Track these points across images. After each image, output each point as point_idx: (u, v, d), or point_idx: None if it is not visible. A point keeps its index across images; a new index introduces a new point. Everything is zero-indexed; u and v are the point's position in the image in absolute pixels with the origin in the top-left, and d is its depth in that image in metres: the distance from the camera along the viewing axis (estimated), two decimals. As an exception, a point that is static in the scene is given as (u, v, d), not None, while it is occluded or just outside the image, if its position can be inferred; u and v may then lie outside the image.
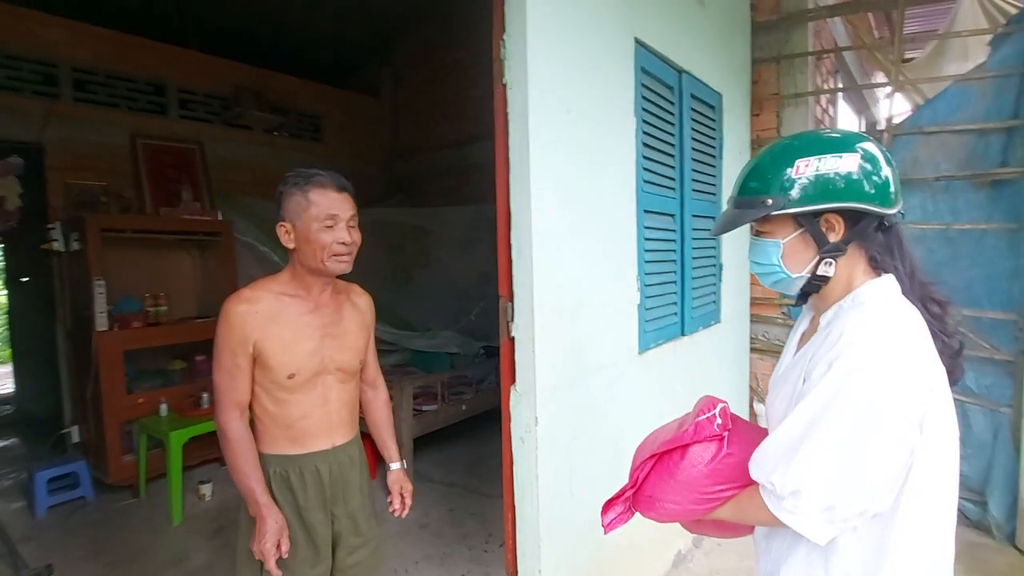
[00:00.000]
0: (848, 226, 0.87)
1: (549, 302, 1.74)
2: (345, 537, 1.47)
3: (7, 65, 3.73)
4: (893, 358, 0.79)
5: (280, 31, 5.33)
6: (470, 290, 4.95)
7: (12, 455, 4.40)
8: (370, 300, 1.60)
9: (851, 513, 0.79)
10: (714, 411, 0.96)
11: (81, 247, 3.47)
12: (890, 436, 0.77)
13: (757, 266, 0.96)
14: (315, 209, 1.31)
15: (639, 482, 1.02)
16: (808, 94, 3.44)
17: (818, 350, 0.86)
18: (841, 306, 0.89)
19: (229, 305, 1.32)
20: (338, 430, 1.45)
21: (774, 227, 0.91)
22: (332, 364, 1.41)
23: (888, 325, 0.82)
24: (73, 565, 2.73)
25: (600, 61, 1.99)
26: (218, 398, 1.34)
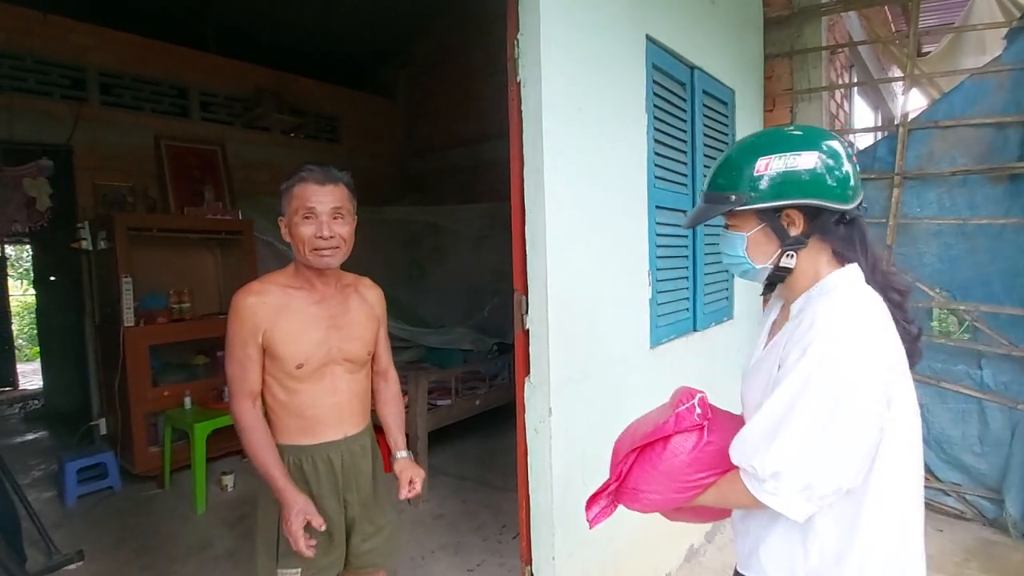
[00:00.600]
0: (807, 220, 0.92)
1: (563, 296, 1.78)
2: (359, 524, 1.50)
3: (38, 70, 3.87)
4: (860, 343, 0.83)
5: (299, 34, 5.44)
6: (483, 287, 5.01)
7: (42, 447, 4.55)
8: (380, 293, 1.62)
9: (827, 490, 0.83)
10: (693, 401, 0.99)
11: (109, 245, 3.59)
12: (861, 416, 0.82)
13: (726, 257, 1.02)
14: (295, 202, 1.34)
15: (623, 475, 1.04)
16: (822, 89, 3.43)
17: (791, 337, 0.89)
18: (810, 295, 0.94)
19: (239, 298, 1.36)
20: (349, 420, 1.48)
21: (740, 221, 0.97)
22: (340, 354, 1.44)
23: (855, 312, 0.86)
24: (102, 551, 2.83)
25: (612, 58, 2.02)
26: (231, 388, 1.38)
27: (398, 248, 5.79)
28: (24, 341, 9.01)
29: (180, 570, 2.66)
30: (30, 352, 8.48)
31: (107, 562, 2.74)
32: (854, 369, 0.82)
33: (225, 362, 1.39)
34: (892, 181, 3.11)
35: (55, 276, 4.90)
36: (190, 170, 4.50)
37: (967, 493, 2.95)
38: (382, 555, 1.58)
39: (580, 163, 1.86)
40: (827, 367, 0.82)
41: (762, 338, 1.07)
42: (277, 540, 1.40)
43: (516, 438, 1.84)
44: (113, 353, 3.60)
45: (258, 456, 1.35)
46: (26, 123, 3.77)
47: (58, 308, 4.75)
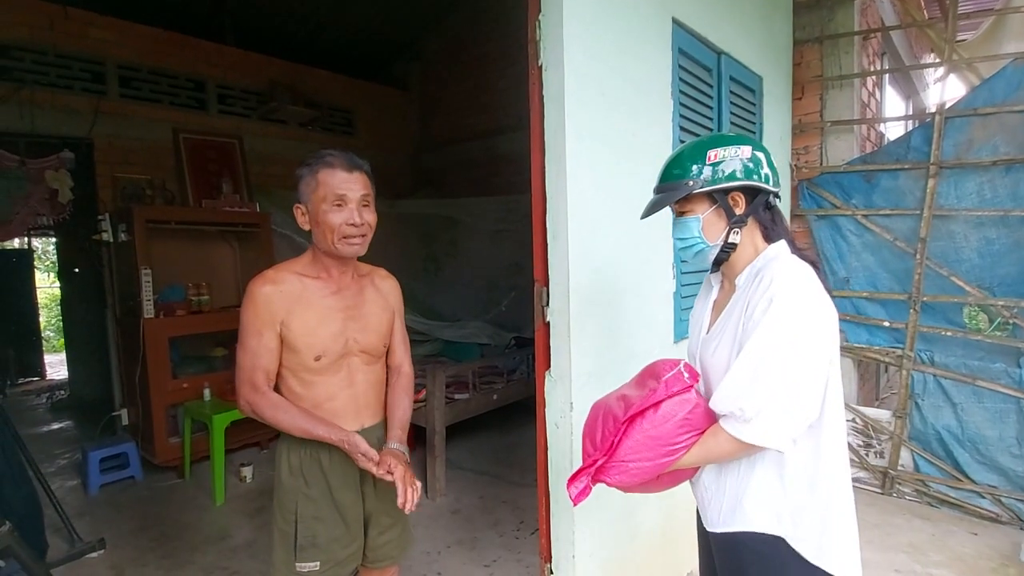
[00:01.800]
0: (748, 201, 1.11)
1: (584, 287, 1.72)
2: (376, 517, 1.48)
3: (59, 64, 3.90)
4: (816, 293, 1.02)
5: (314, 26, 5.41)
6: (500, 281, 4.96)
7: (67, 436, 4.64)
8: (395, 284, 1.58)
9: (800, 419, 0.99)
10: (679, 367, 1.08)
11: (129, 238, 3.61)
12: (821, 351, 1.00)
13: (680, 242, 1.17)
14: (323, 190, 1.30)
15: (613, 447, 1.08)
16: (854, 76, 3.30)
17: (752, 297, 1.04)
18: (755, 265, 1.11)
19: (254, 286, 1.32)
20: (365, 412, 1.45)
21: (693, 205, 1.14)
22: (356, 346, 1.41)
23: (803, 271, 1.04)
24: (123, 540, 2.86)
25: (636, 42, 1.95)
26: (240, 378, 1.32)
27: (414, 242, 5.77)
28: (52, 332, 9.20)
29: (199, 560, 2.67)
30: (57, 343, 8.66)
31: (128, 551, 2.76)
32: (816, 313, 1.00)
33: (237, 351, 1.34)
34: (927, 171, 2.99)
35: (78, 268, 4.97)
36: (207, 163, 4.51)
37: (1003, 496, 2.83)
38: (398, 547, 1.56)
39: (603, 151, 1.79)
40: (794, 312, 0.99)
41: (705, 315, 1.22)
42: (295, 534, 1.38)
43: (535, 433, 1.80)
44: (134, 345, 3.63)
45: (294, 426, 1.30)
46: (48, 117, 3.81)
47: (81, 300, 4.81)
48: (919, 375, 3.07)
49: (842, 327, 3.35)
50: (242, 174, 4.68)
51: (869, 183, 3.20)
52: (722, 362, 1.09)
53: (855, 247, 3.27)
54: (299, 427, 1.30)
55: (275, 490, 1.43)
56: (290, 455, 1.39)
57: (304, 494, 1.38)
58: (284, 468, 1.40)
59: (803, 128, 3.45)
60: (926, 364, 3.05)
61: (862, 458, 3.24)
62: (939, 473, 3.00)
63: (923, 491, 3.05)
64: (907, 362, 3.09)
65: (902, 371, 3.11)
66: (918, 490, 3.07)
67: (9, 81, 3.67)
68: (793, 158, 3.45)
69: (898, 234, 3.12)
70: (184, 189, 4.34)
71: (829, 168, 3.33)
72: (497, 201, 5.00)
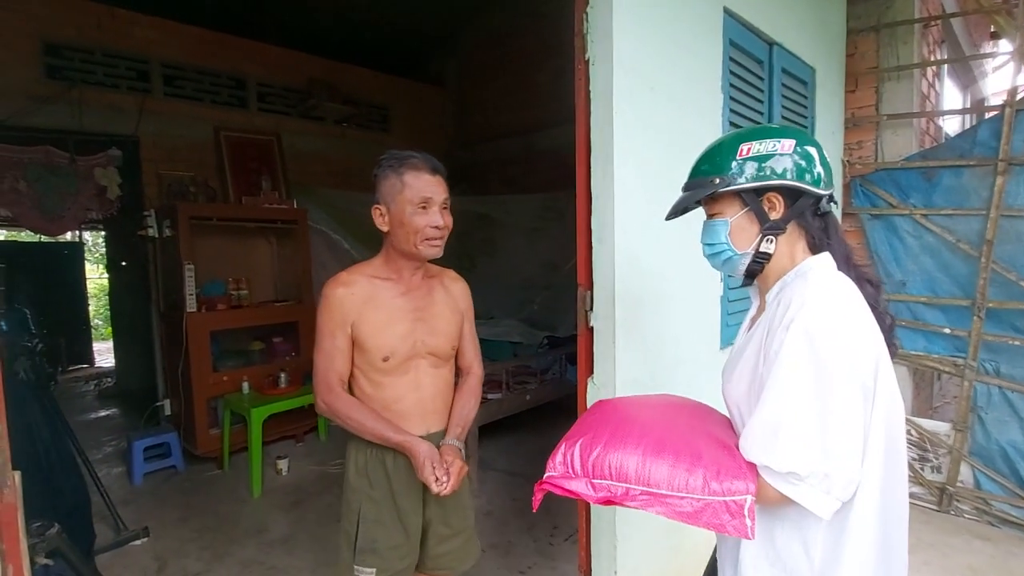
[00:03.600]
0: (787, 205, 0.95)
1: (630, 292, 1.65)
2: (434, 526, 1.46)
3: (106, 63, 4.00)
4: (844, 315, 0.84)
5: (352, 24, 5.44)
6: (534, 279, 4.90)
7: (113, 424, 4.80)
8: (465, 286, 1.57)
9: (841, 479, 0.81)
10: (745, 503, 0.83)
11: (173, 234, 3.69)
12: (852, 388, 0.81)
13: (708, 247, 1.02)
14: (409, 192, 1.29)
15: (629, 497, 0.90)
16: (913, 66, 3.11)
17: (772, 320, 0.90)
18: (785, 280, 0.95)
19: (328, 289, 1.35)
20: (431, 416, 1.44)
21: (723, 207, 0.98)
22: (424, 348, 1.40)
23: (834, 288, 0.88)
24: (165, 529, 2.92)
25: (686, 33, 1.86)
26: (317, 379, 1.36)
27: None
28: (100, 321, 9.59)
29: (238, 553, 2.71)
30: (105, 332, 9.02)
31: (170, 540, 2.82)
32: (841, 340, 0.82)
33: (314, 353, 1.37)
34: (995, 168, 2.79)
35: (125, 262, 5.14)
36: (248, 160, 4.58)
37: (1075, 517, 2.64)
38: (457, 559, 1.53)
39: (651, 149, 1.71)
40: (814, 341, 0.82)
41: (741, 333, 1.08)
42: (356, 535, 1.38)
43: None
44: (177, 337, 3.72)
45: (367, 430, 1.32)
46: (95, 115, 3.92)
47: (128, 292, 4.97)
48: (982, 386, 2.88)
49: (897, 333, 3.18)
50: (280, 171, 4.74)
51: (929, 181, 3.01)
52: (740, 395, 0.95)
53: (912, 249, 3.09)
54: (370, 429, 1.32)
55: (343, 489, 1.44)
56: (357, 455, 1.41)
57: (368, 495, 1.39)
58: (352, 467, 1.42)
59: (856, 122, 3.28)
60: (990, 375, 2.86)
61: (917, 472, 3.07)
62: (1002, 491, 2.82)
63: (984, 509, 2.87)
64: (969, 372, 2.91)
65: (964, 382, 2.93)
66: (978, 508, 2.89)
67: (60, 81, 3.79)
68: (845, 154, 3.28)
69: (961, 235, 2.93)
70: (225, 186, 4.42)
71: (885, 164, 3.15)
72: (533, 199, 4.94)
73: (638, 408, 1.05)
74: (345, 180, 5.20)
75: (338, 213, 4.79)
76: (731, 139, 0.98)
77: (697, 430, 0.94)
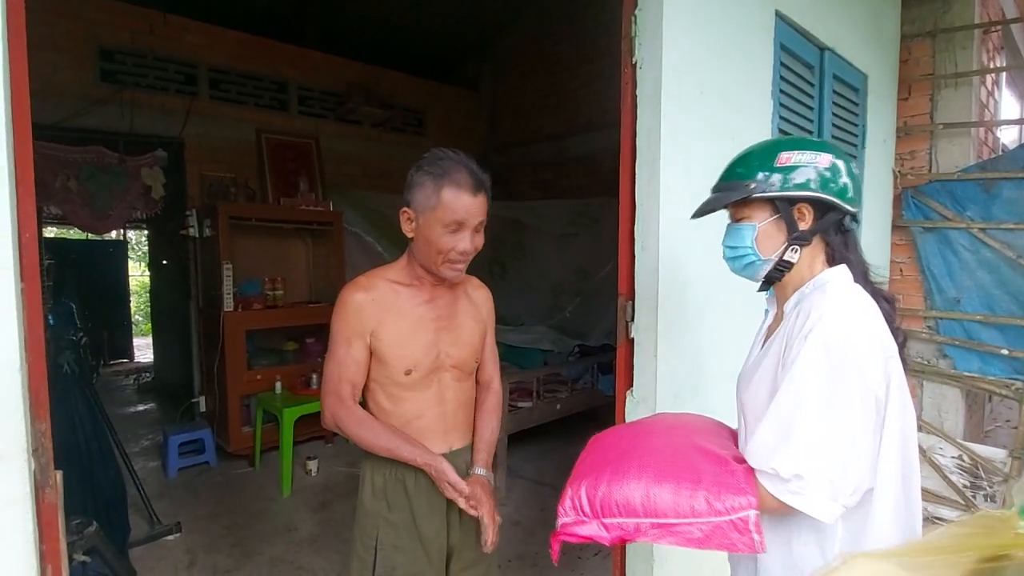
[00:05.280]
0: (816, 217, 0.96)
1: (674, 302, 1.59)
2: (459, 551, 1.36)
3: (157, 67, 4.14)
4: (860, 328, 0.87)
5: (390, 29, 5.51)
6: (565, 286, 4.85)
7: (151, 418, 4.93)
8: (488, 294, 1.49)
9: (846, 487, 0.82)
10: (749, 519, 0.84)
11: (213, 233, 3.78)
12: (866, 398, 0.83)
13: (730, 250, 1.03)
14: (442, 211, 1.18)
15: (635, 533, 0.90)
16: (972, 73, 2.96)
17: (791, 331, 0.91)
18: (803, 291, 0.97)
19: (346, 294, 1.25)
20: (454, 433, 1.35)
21: (752, 211, 0.99)
22: (448, 360, 1.32)
23: (851, 300, 0.90)
24: (197, 524, 2.97)
25: (737, 36, 1.80)
26: (325, 389, 1.26)
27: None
28: (140, 317, 9.91)
29: (267, 551, 2.73)
30: (145, 328, 9.31)
31: (202, 536, 2.86)
32: (856, 351, 0.84)
33: (325, 361, 1.28)
34: (1063, 180, 2.63)
35: (166, 260, 5.29)
36: (286, 162, 4.67)
37: None
38: None
39: (699, 155, 1.66)
40: (830, 352, 0.84)
41: (757, 342, 1.09)
42: (374, 563, 1.29)
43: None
44: (213, 335, 3.79)
45: (377, 446, 1.22)
46: (144, 117, 4.05)
47: (168, 289, 5.11)
48: (1043, 411, 2.71)
49: (950, 353, 3.03)
50: (318, 173, 4.82)
51: (988, 193, 2.86)
52: (759, 404, 0.94)
53: (968, 264, 2.93)
54: (383, 446, 1.21)
55: (356, 512, 1.34)
56: (374, 475, 1.31)
57: (386, 519, 1.29)
58: (367, 489, 1.32)
59: (908, 131, 3.14)
60: (1053, 400, 2.69)
61: (968, 500, 2.90)
62: (1065, 524, 2.63)
63: (1044, 543, 2.69)
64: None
65: (1023, 406, 2.76)
66: (1038, 542, 2.71)
67: (112, 84, 3.93)
68: (897, 164, 3.14)
69: (1022, 251, 2.77)
70: (264, 187, 4.51)
71: (940, 176, 3.01)
72: (566, 204, 4.90)
73: (633, 437, 1.05)
74: (380, 183, 5.25)
75: (372, 215, 4.84)
76: (770, 146, 1.00)
77: (693, 448, 0.95)
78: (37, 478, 0.88)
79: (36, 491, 0.88)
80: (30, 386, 0.88)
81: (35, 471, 0.88)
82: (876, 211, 2.95)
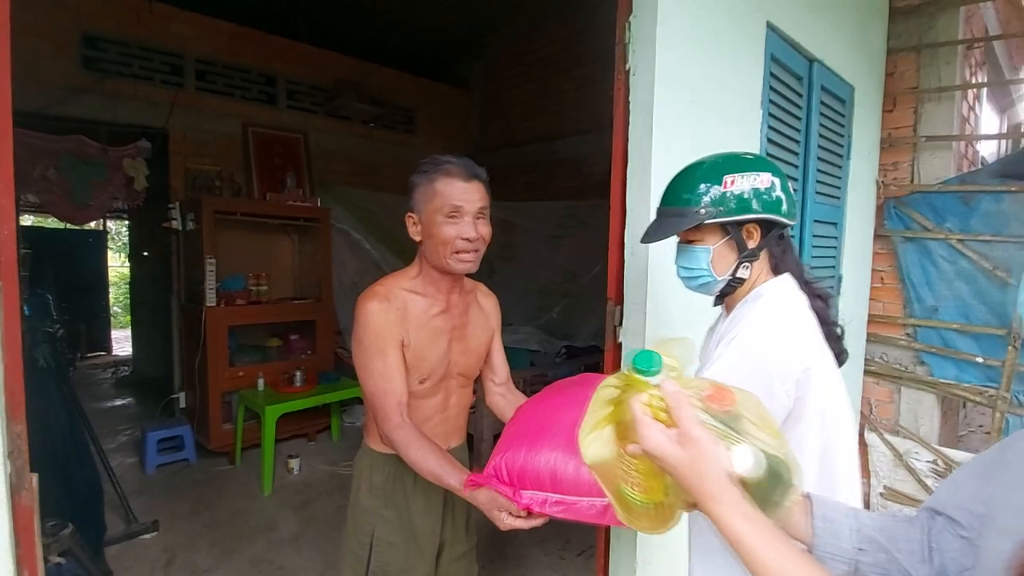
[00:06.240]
0: (763, 234, 1.02)
1: (662, 308, 1.60)
2: (450, 545, 1.41)
3: (142, 56, 4.06)
4: (778, 342, 0.92)
5: (381, 25, 5.47)
6: (553, 287, 4.86)
7: (128, 413, 4.84)
8: (496, 302, 1.51)
9: None
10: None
11: (196, 227, 3.72)
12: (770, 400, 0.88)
13: (686, 271, 1.07)
14: (439, 200, 1.20)
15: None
16: (955, 88, 3.03)
17: (722, 338, 0.98)
18: (745, 300, 1.03)
19: (370, 304, 1.20)
20: (453, 434, 1.40)
21: (704, 235, 1.03)
22: (456, 369, 1.34)
23: (776, 310, 0.97)
24: (176, 523, 2.92)
25: (730, 46, 1.81)
26: (376, 406, 1.20)
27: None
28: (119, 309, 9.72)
29: (247, 550, 2.70)
30: (123, 319, 9.13)
31: (180, 534, 2.82)
32: (771, 361, 0.90)
33: (362, 379, 1.22)
34: (1040, 195, 2.70)
35: (148, 252, 5.19)
36: (273, 157, 4.61)
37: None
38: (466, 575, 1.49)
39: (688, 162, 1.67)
40: (746, 358, 0.91)
41: (706, 346, 1.17)
42: (368, 559, 1.30)
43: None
44: (195, 331, 3.73)
45: (430, 472, 1.15)
46: (128, 107, 3.97)
47: (149, 282, 5.02)
48: (1015, 418, 2.78)
49: (927, 360, 3.09)
50: (305, 169, 4.76)
51: (968, 205, 2.93)
52: None
53: (946, 274, 3.00)
54: (430, 472, 1.14)
55: (350, 509, 1.36)
56: (373, 473, 1.31)
57: (382, 516, 1.31)
58: (364, 487, 1.33)
59: (892, 142, 3.20)
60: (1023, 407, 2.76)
61: (942, 505, 2.96)
62: (1034, 530, 2.71)
63: (1014, 548, 2.76)
64: (1001, 403, 2.81)
65: (995, 413, 2.82)
66: (1008, 546, 2.78)
67: (95, 72, 3.85)
68: (880, 174, 3.20)
69: (998, 262, 2.84)
70: (250, 181, 4.45)
71: (921, 187, 3.07)
72: (554, 206, 4.91)
73: (552, 410, 1.12)
74: (369, 180, 5.21)
75: (360, 212, 4.80)
76: (711, 167, 1.02)
77: None
78: (12, 481, 0.86)
79: (11, 495, 0.86)
80: (5, 387, 0.86)
81: (10, 474, 0.85)
82: (859, 221, 3.00)
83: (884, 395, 3.22)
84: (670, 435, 0.60)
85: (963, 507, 0.64)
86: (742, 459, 0.58)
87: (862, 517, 0.71)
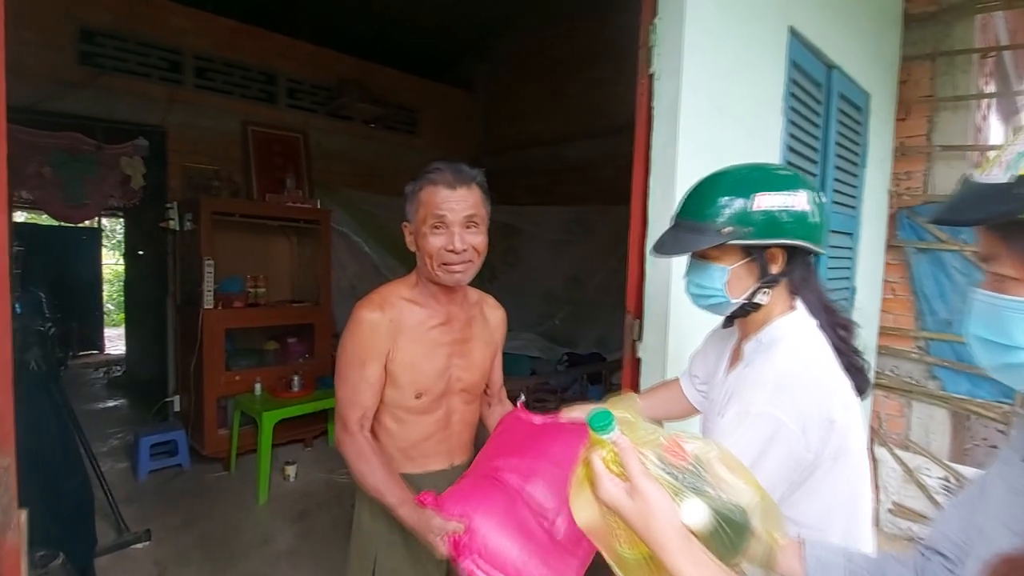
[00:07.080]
0: (787, 259, 0.93)
1: (684, 322, 1.53)
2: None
3: (139, 52, 3.96)
4: (793, 391, 0.85)
5: (384, 24, 5.39)
6: (557, 293, 4.79)
7: (121, 415, 4.73)
8: (503, 316, 1.46)
9: None
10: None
11: (194, 227, 3.63)
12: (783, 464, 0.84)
13: (697, 287, 0.98)
14: (423, 210, 1.17)
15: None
16: (971, 97, 2.98)
17: (738, 388, 0.93)
18: (760, 340, 0.96)
19: (361, 313, 1.20)
20: (457, 451, 1.33)
21: (722, 253, 0.93)
22: (458, 384, 1.28)
23: (792, 364, 0.88)
24: (168, 533, 2.83)
25: (752, 51, 1.75)
26: (338, 411, 1.23)
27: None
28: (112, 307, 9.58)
29: (241, 565, 2.61)
30: (117, 318, 9.00)
31: (172, 546, 2.73)
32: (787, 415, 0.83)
33: (336, 383, 1.24)
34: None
35: (143, 252, 5.09)
36: (273, 156, 4.53)
37: None
38: None
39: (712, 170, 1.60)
40: (762, 416, 0.84)
41: (722, 362, 1.07)
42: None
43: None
44: (191, 333, 3.64)
45: (368, 482, 1.17)
46: (124, 103, 3.87)
47: (144, 282, 4.91)
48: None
49: (939, 374, 3.04)
50: (305, 169, 4.68)
51: (983, 217, 2.87)
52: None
53: (961, 287, 2.94)
54: (371, 484, 1.16)
55: (352, 535, 1.31)
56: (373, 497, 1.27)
57: (386, 541, 1.26)
58: (365, 511, 1.28)
59: (905, 151, 3.15)
60: (1040, 425, 2.70)
61: (954, 522, 2.91)
62: (1049, 549, 2.65)
63: (1027, 568, 2.70)
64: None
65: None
66: (1021, 566, 2.72)
67: (91, 67, 3.75)
68: (893, 183, 3.15)
69: (1014, 276, 2.79)
70: (249, 181, 4.36)
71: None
72: (560, 211, 4.84)
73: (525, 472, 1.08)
74: (371, 181, 5.12)
75: (361, 215, 4.72)
76: (740, 182, 0.91)
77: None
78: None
79: (-6, 532, 0.78)
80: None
81: (-6, 510, 0.78)
82: (872, 231, 2.95)
83: (894, 409, 3.16)
84: (623, 487, 0.61)
85: (949, 539, 0.68)
86: (691, 511, 0.60)
87: (855, 558, 0.73)
